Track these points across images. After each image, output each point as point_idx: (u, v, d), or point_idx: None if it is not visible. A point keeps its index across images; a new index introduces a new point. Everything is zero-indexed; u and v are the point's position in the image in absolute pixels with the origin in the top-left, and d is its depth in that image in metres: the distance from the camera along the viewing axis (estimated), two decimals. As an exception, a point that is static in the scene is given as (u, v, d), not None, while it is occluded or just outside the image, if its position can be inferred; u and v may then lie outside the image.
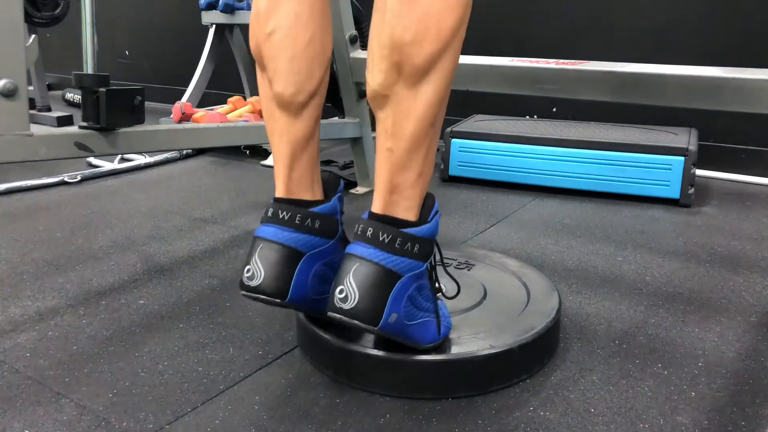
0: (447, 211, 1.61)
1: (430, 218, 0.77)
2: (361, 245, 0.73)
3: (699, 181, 1.78)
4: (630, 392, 0.84)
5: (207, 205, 1.66)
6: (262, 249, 0.78)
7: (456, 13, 0.71)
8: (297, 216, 0.79)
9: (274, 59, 0.79)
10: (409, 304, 0.75)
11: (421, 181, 0.76)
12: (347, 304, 0.71)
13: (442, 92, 0.74)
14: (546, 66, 1.26)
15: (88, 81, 1.11)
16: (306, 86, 0.80)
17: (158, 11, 3.32)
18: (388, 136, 0.74)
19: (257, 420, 0.78)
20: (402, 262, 0.73)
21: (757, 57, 1.86)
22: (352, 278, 0.72)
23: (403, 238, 0.74)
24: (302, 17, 0.78)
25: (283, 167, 0.82)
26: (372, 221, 0.75)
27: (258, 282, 0.77)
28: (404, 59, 0.70)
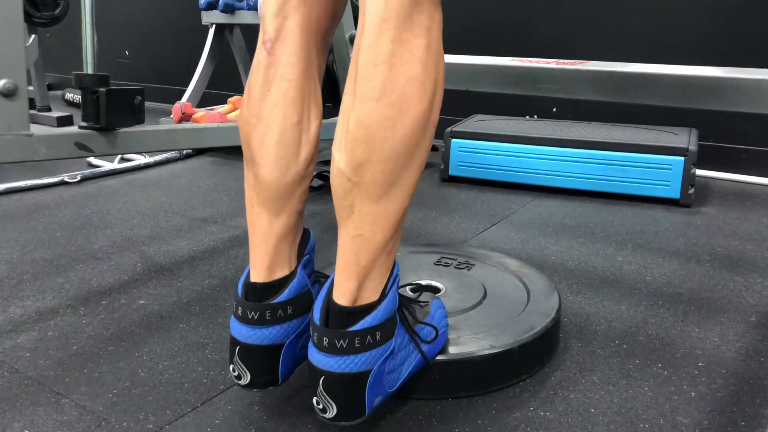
0: (447, 211, 1.61)
1: (388, 290, 0.72)
2: (321, 354, 0.70)
3: (699, 181, 1.78)
4: (630, 392, 0.84)
5: (207, 205, 1.66)
6: (240, 351, 0.76)
7: (425, 102, 0.67)
8: (266, 313, 0.76)
9: (262, 139, 0.76)
10: (388, 376, 0.73)
11: (392, 256, 0.71)
12: (329, 414, 0.70)
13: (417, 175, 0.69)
14: (546, 66, 1.26)
15: (88, 81, 1.11)
16: (292, 168, 0.76)
17: (158, 11, 3.32)
18: (355, 220, 0.68)
19: (257, 420, 0.78)
20: (367, 358, 0.70)
21: (757, 57, 1.86)
22: (323, 391, 0.69)
23: (361, 336, 0.69)
24: (289, 95, 0.75)
25: (260, 258, 0.77)
26: (324, 329, 0.70)
27: (247, 381, 0.76)
28: (377, 143, 0.66)
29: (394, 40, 0.65)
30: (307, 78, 0.76)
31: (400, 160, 0.67)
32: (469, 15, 2.33)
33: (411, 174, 0.69)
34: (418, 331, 0.78)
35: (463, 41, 2.31)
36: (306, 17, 0.75)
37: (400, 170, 0.67)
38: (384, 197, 0.68)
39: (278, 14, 0.74)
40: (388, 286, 0.71)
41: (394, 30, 0.65)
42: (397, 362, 0.74)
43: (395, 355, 0.73)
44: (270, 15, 0.75)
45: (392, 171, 0.67)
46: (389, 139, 0.66)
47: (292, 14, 0.74)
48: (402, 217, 0.70)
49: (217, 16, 2.44)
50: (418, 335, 0.77)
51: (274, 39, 0.75)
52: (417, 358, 0.77)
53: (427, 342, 0.78)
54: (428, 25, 0.67)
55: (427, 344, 0.79)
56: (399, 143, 0.66)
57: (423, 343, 0.78)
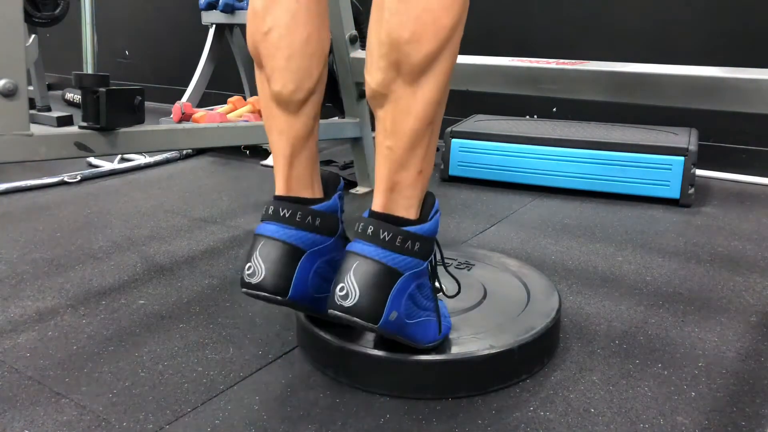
0: (447, 211, 1.61)
1: (430, 217, 0.77)
2: (361, 243, 0.74)
3: (699, 181, 1.78)
4: (630, 392, 0.84)
5: (207, 205, 1.66)
6: (263, 246, 0.78)
7: (454, 12, 0.72)
8: (298, 213, 0.79)
9: (272, 58, 0.79)
10: (410, 303, 0.75)
11: (421, 180, 0.76)
12: (348, 301, 0.72)
13: (440, 91, 0.74)
14: (546, 66, 1.26)
15: (88, 81, 1.11)
16: (305, 84, 0.80)
17: (158, 11, 3.32)
18: (388, 134, 0.74)
19: (257, 420, 0.78)
20: (403, 260, 0.74)
21: (757, 57, 1.86)
22: (352, 276, 0.72)
23: (403, 236, 0.74)
24: (299, 15, 0.78)
25: (282, 165, 0.82)
26: (372, 219, 0.75)
27: (259, 279, 0.77)
28: (402, 58, 0.70)
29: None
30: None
31: (424, 73, 0.71)
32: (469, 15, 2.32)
33: (437, 83, 0.73)
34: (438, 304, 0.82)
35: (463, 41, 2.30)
36: None
37: (425, 80, 0.72)
38: (412, 104, 0.72)
39: None
40: (431, 214, 0.77)
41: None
42: (419, 301, 0.77)
43: (422, 292, 0.77)
44: None
45: (426, 56, 0.71)
46: (415, 52, 0.70)
47: None
48: (430, 134, 0.75)
49: (217, 16, 2.44)
50: (438, 294, 0.83)
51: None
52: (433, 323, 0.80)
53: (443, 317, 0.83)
54: None
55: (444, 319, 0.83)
56: (424, 56, 0.71)
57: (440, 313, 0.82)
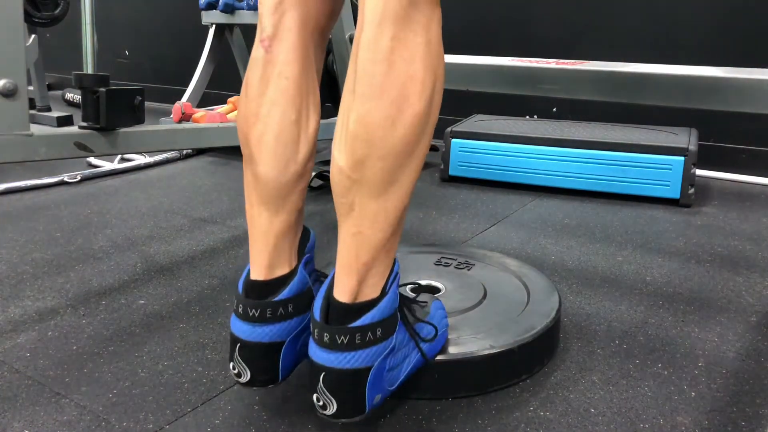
0: (447, 211, 1.61)
1: (388, 288, 0.72)
2: (322, 351, 0.70)
3: (699, 181, 1.78)
4: (630, 392, 0.84)
5: (207, 205, 1.66)
6: (241, 349, 0.76)
7: (424, 99, 0.67)
8: (267, 311, 0.76)
9: (260, 138, 0.76)
10: (389, 374, 0.73)
11: (392, 254, 0.72)
12: (329, 410, 0.70)
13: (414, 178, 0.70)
14: (546, 66, 1.26)
15: (88, 81, 1.11)
16: (291, 167, 0.76)
17: (158, 11, 3.32)
18: (355, 218, 0.68)
19: (257, 420, 0.78)
20: (367, 354, 0.69)
21: (757, 57, 1.86)
22: (323, 387, 0.69)
23: (362, 332, 0.69)
24: (288, 93, 0.75)
25: (260, 256, 0.77)
26: (324, 325, 0.70)
27: (247, 379, 0.76)
28: (376, 141, 0.66)
29: (393, 38, 0.65)
30: (306, 75, 0.76)
31: (399, 158, 0.67)
32: (469, 15, 2.33)
33: (411, 172, 0.69)
34: (418, 330, 0.78)
35: (463, 41, 2.31)
36: (303, 14, 0.75)
37: (400, 168, 0.67)
38: (384, 195, 0.68)
39: (276, 11, 0.74)
40: (388, 284, 0.72)
41: (393, 27, 0.65)
42: (397, 360, 0.74)
43: (396, 353, 0.73)
44: (267, 12, 0.75)
45: (392, 168, 0.67)
46: (389, 136, 0.66)
47: (289, 11, 0.74)
48: (402, 215, 0.70)
49: (217, 16, 2.44)
50: (418, 334, 0.77)
51: (271, 36, 0.74)
52: (417, 357, 0.77)
53: (427, 341, 0.78)
54: (427, 22, 0.67)
55: (427, 343, 0.79)
56: (399, 141, 0.66)
57: (423, 342, 0.78)
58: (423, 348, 0.78)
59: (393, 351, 0.73)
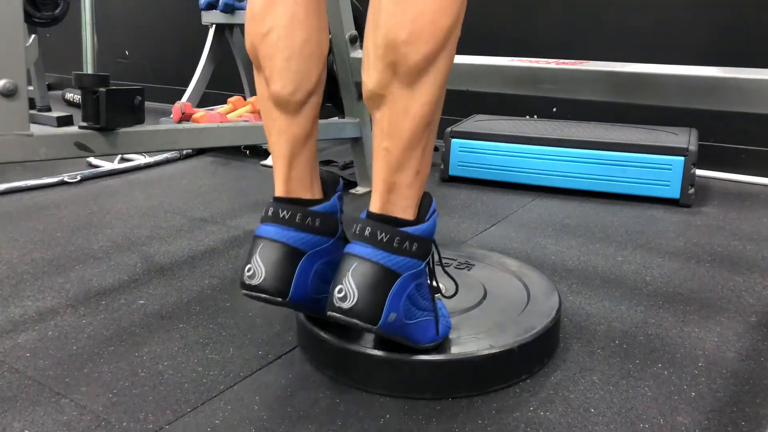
0: (447, 211, 1.61)
1: (427, 217, 0.77)
2: (359, 245, 0.74)
3: (699, 181, 1.78)
4: (630, 392, 0.84)
5: (207, 205, 1.66)
6: (263, 248, 0.78)
7: (450, 13, 0.72)
8: (297, 215, 0.79)
9: (271, 59, 0.79)
10: (408, 303, 0.75)
11: (419, 180, 0.76)
12: (346, 303, 0.71)
13: (438, 92, 0.74)
14: (546, 66, 1.26)
15: (88, 81, 1.11)
16: (304, 85, 0.80)
17: (158, 11, 3.32)
18: (385, 135, 0.74)
19: (257, 420, 0.78)
20: (400, 260, 0.74)
21: (757, 57, 1.86)
22: (350, 277, 0.72)
23: (401, 236, 0.74)
24: (298, 16, 0.78)
25: (282, 166, 0.82)
26: (370, 220, 0.75)
27: (259, 281, 0.77)
28: (399, 59, 0.71)
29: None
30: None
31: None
32: (469, 15, 2.32)
33: (434, 85, 0.73)
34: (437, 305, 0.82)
35: (463, 41, 2.30)
36: None
37: (422, 85, 0.72)
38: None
39: None
40: (427, 213, 0.77)
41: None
42: (418, 302, 0.77)
43: (420, 291, 0.77)
44: None
45: (423, 57, 0.71)
46: (412, 54, 0.70)
47: None
48: (426, 136, 0.74)
49: (217, 16, 2.44)
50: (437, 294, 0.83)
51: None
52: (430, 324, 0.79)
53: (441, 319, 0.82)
54: None
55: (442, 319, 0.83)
56: (422, 58, 0.71)
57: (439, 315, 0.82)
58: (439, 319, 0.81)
59: (419, 285, 0.76)
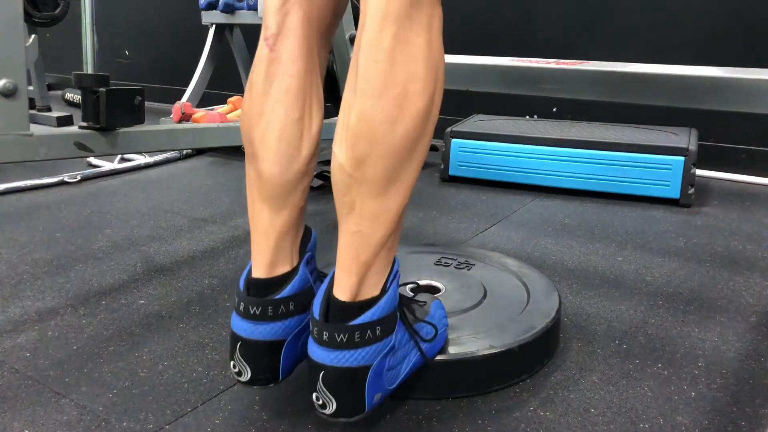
0: (447, 210, 1.61)
1: (388, 286, 0.72)
2: (321, 349, 0.70)
3: (699, 181, 1.78)
4: (630, 392, 0.84)
5: (207, 205, 1.66)
6: (242, 347, 0.76)
7: (425, 98, 0.68)
8: (269, 308, 0.76)
9: (264, 135, 0.76)
10: (388, 373, 0.73)
11: (392, 252, 0.72)
12: (328, 410, 0.70)
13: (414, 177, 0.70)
14: (546, 66, 1.26)
15: (88, 81, 1.11)
16: (294, 164, 0.76)
17: (158, 11, 3.32)
18: (356, 217, 0.68)
19: (257, 420, 0.78)
20: (367, 353, 0.70)
21: (757, 57, 1.86)
22: (323, 386, 0.69)
23: (360, 331, 0.69)
24: (291, 91, 0.75)
25: (262, 254, 0.77)
26: (323, 323, 0.70)
27: (247, 378, 0.76)
28: (377, 139, 0.67)
29: (394, 37, 0.65)
30: (309, 74, 0.76)
31: (400, 156, 0.67)
32: (469, 15, 2.33)
33: (411, 170, 0.69)
34: (418, 330, 0.78)
35: (463, 41, 2.31)
36: (308, 13, 0.75)
37: (401, 166, 0.68)
38: (384, 193, 0.68)
39: (280, 10, 0.74)
40: (388, 282, 0.72)
41: (394, 27, 0.65)
42: (396, 359, 0.74)
43: (395, 353, 0.73)
44: (272, 11, 0.75)
45: (393, 167, 0.67)
46: (390, 134, 0.66)
47: (294, 10, 0.75)
48: (402, 214, 0.71)
49: (217, 16, 2.44)
50: (417, 333, 0.77)
51: (276, 35, 0.75)
52: (417, 357, 0.77)
53: (426, 341, 0.78)
54: (428, 22, 0.67)
55: (427, 343, 0.79)
56: (399, 139, 0.67)
57: (423, 342, 0.78)
58: (423, 348, 0.78)
59: (393, 350, 0.73)
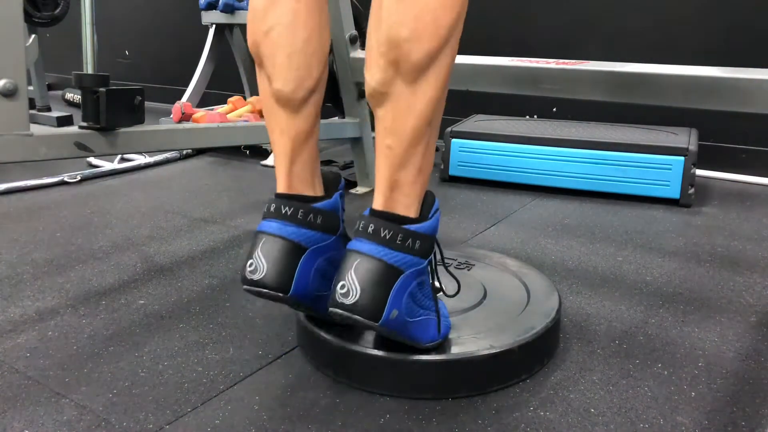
0: (447, 211, 1.61)
1: (430, 215, 0.78)
2: (362, 241, 0.74)
3: (699, 181, 1.78)
4: (630, 392, 0.84)
5: (207, 205, 1.66)
6: (265, 243, 0.78)
7: (453, 11, 0.72)
8: (299, 211, 0.80)
9: (273, 57, 0.80)
10: (410, 301, 0.75)
11: (421, 178, 0.76)
12: (349, 299, 0.72)
13: (440, 89, 0.74)
14: (546, 66, 1.26)
15: (88, 81, 1.11)
16: (305, 83, 0.80)
17: (158, 11, 3.32)
18: (388, 133, 0.74)
19: (257, 420, 0.78)
20: (403, 258, 0.74)
21: (757, 57, 1.86)
22: (353, 274, 0.72)
23: (404, 234, 0.74)
24: (300, 14, 0.79)
25: (284, 163, 0.82)
26: (373, 217, 0.75)
27: (261, 275, 0.78)
28: (402, 56, 0.71)
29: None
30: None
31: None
32: (469, 15, 2.32)
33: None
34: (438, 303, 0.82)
35: (463, 41, 2.30)
36: None
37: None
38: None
39: None
40: (431, 212, 0.78)
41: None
42: (420, 299, 0.77)
43: (422, 289, 0.77)
44: None
45: (426, 54, 0.71)
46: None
47: None
48: (428, 129, 0.75)
49: (217, 16, 2.44)
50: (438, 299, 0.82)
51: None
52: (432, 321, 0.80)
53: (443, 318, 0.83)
54: None
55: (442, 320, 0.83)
56: (425, 54, 0.71)
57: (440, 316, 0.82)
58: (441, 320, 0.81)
59: (421, 283, 0.77)
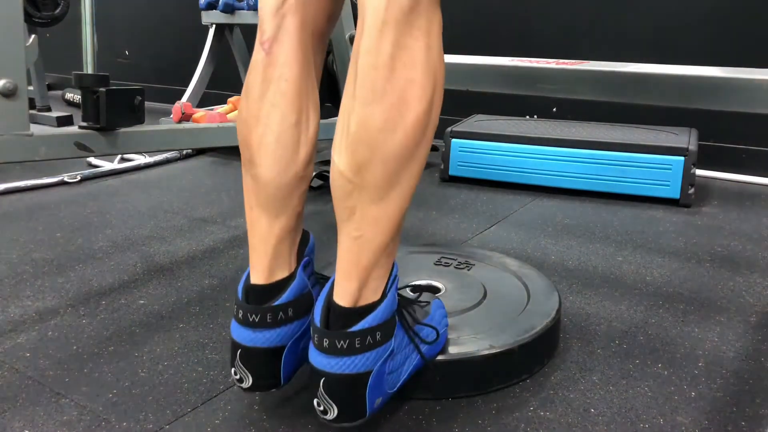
0: (447, 210, 1.61)
1: (387, 290, 0.72)
2: (321, 356, 0.70)
3: (699, 181, 1.78)
4: (630, 392, 0.84)
5: (207, 205, 1.66)
6: (242, 354, 0.76)
7: (425, 103, 0.67)
8: (267, 316, 0.76)
9: (262, 139, 0.75)
10: (389, 377, 0.73)
11: (392, 257, 0.71)
12: (329, 416, 0.70)
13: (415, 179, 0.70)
14: (546, 66, 1.26)
15: (88, 81, 1.11)
16: (291, 168, 0.76)
17: (158, 11, 3.32)
18: (356, 222, 0.68)
19: (257, 420, 0.78)
20: (366, 358, 0.69)
21: (757, 57, 1.86)
22: (324, 393, 0.69)
23: (361, 336, 0.69)
24: (288, 96, 0.75)
25: (260, 260, 0.77)
26: (323, 330, 0.70)
27: (248, 385, 0.76)
28: (377, 145, 0.67)
29: (393, 43, 0.65)
30: (305, 78, 0.76)
31: (400, 161, 0.67)
32: (469, 15, 2.33)
33: (411, 175, 0.69)
34: (418, 332, 0.78)
35: (463, 41, 2.31)
36: (303, 17, 0.75)
37: (401, 171, 0.68)
38: (385, 198, 0.68)
39: (276, 14, 0.74)
40: (387, 286, 0.71)
41: (393, 32, 0.65)
42: (397, 363, 0.74)
43: (395, 356, 0.73)
44: (268, 15, 0.75)
45: (393, 172, 0.67)
46: (389, 140, 0.66)
47: (290, 14, 0.74)
48: (402, 218, 0.70)
49: (217, 16, 2.44)
50: (417, 336, 0.77)
51: (272, 39, 0.74)
52: (417, 359, 0.77)
53: (427, 342, 0.78)
54: (427, 27, 0.67)
55: (427, 345, 0.78)
56: (399, 144, 0.66)
57: (423, 344, 0.78)
58: (422, 350, 0.78)
59: (392, 354, 0.73)
